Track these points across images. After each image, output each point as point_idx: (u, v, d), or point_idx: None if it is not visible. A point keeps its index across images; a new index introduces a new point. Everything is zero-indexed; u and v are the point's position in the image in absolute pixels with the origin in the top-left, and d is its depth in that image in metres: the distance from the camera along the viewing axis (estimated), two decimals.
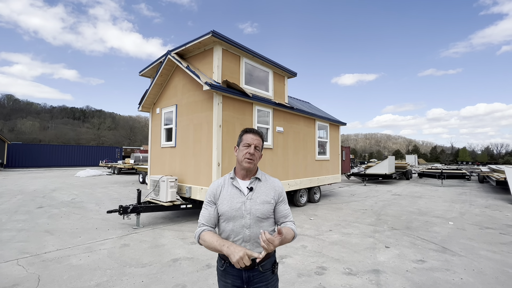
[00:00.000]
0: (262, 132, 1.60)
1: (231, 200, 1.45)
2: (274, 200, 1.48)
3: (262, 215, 1.43)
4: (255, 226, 1.42)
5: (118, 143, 63.50)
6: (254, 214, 1.42)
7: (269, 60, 7.02)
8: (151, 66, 7.32)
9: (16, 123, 67.47)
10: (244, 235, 1.42)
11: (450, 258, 3.90)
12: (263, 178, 1.53)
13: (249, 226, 1.42)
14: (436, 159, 77.04)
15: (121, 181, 14.67)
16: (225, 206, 1.45)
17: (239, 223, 1.42)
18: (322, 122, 9.30)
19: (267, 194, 1.47)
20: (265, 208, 1.44)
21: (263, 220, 1.44)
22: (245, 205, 1.43)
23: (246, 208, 1.43)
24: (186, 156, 6.17)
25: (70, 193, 9.90)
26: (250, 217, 1.42)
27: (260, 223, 1.43)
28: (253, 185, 1.48)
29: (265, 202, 1.45)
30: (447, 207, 7.85)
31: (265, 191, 1.48)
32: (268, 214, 1.45)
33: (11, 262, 3.60)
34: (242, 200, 1.45)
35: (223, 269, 1.47)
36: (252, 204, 1.43)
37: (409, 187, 13.29)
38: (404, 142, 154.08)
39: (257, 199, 1.45)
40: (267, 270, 1.45)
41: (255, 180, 1.50)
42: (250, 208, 1.42)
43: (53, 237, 4.71)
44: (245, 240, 1.42)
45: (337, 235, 4.99)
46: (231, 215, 1.43)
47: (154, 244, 4.42)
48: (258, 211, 1.43)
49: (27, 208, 7.03)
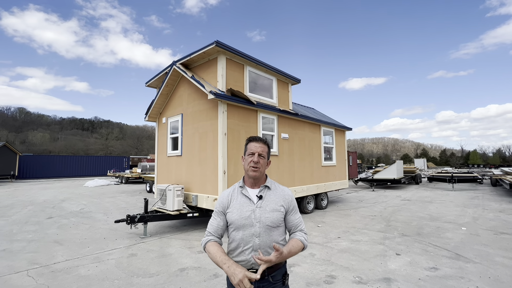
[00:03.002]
0: (266, 139, 1.59)
1: (241, 209, 1.44)
2: (284, 208, 1.47)
3: (272, 224, 1.41)
4: (265, 234, 1.40)
5: (126, 152, 64.38)
6: (264, 222, 1.40)
7: (273, 67, 7.09)
8: (157, 77, 7.47)
9: (28, 135, 69.29)
10: (254, 244, 1.40)
11: (464, 265, 3.78)
12: (273, 186, 1.52)
13: (259, 234, 1.40)
14: (446, 162, 75.47)
15: (128, 190, 14.79)
16: (235, 215, 1.44)
17: (249, 232, 1.41)
18: (327, 128, 9.26)
19: (277, 202, 1.46)
20: (275, 216, 1.43)
21: (273, 228, 1.42)
22: (254, 213, 1.42)
23: (255, 216, 1.41)
24: (192, 165, 6.20)
25: (79, 203, 10.02)
26: (260, 225, 1.40)
27: (270, 232, 1.41)
28: (262, 193, 1.47)
29: (274, 210, 1.44)
30: (459, 212, 7.64)
31: (274, 199, 1.47)
32: (278, 223, 1.43)
33: (21, 273, 3.64)
34: (251, 208, 1.43)
35: None
36: (261, 213, 1.42)
37: (419, 191, 13.01)
38: (412, 146, 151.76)
39: (266, 207, 1.43)
40: (278, 281, 1.43)
41: (264, 188, 1.49)
42: (260, 217, 1.41)
43: (62, 247, 4.75)
44: (255, 249, 1.40)
45: (346, 243, 4.90)
46: (241, 224, 1.42)
47: (161, 253, 4.42)
48: (268, 219, 1.41)
49: (37, 219, 7.14)
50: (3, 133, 65.62)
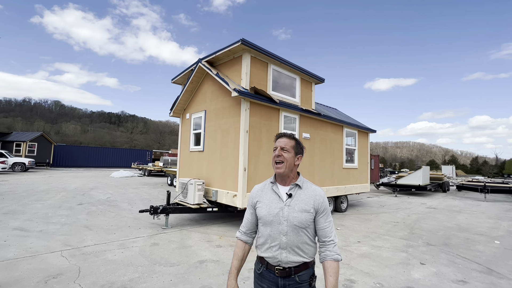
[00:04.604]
0: (293, 134, 1.54)
1: (270, 205, 1.43)
2: (314, 209, 1.40)
3: (299, 224, 1.37)
4: (292, 234, 1.38)
5: (149, 146, 66.95)
6: (291, 221, 1.37)
7: (297, 66, 7.02)
8: (183, 74, 7.68)
9: (61, 126, 74.31)
10: (281, 242, 1.38)
11: (497, 281, 3.53)
12: (304, 185, 1.46)
13: (286, 233, 1.38)
14: (477, 171, 70.46)
15: (151, 182, 15.40)
16: (264, 210, 1.44)
17: (276, 229, 1.39)
18: (350, 129, 9.02)
19: (307, 202, 1.40)
20: (303, 217, 1.38)
21: (301, 229, 1.38)
22: (282, 211, 1.40)
23: (283, 214, 1.39)
24: (213, 160, 6.33)
25: (106, 192, 10.61)
26: (287, 224, 1.38)
27: (298, 232, 1.38)
28: (292, 191, 1.43)
29: (303, 211, 1.39)
30: (492, 224, 7.13)
31: (304, 199, 1.41)
32: (306, 224, 1.38)
33: (56, 253, 3.94)
34: (280, 206, 1.41)
35: (259, 272, 1.47)
36: (290, 211, 1.39)
37: (446, 200, 12.29)
38: (440, 151, 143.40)
39: (295, 206, 1.39)
40: (304, 282, 1.40)
41: (295, 186, 1.44)
42: (288, 215, 1.38)
43: (91, 232, 5.07)
44: (282, 247, 1.38)
45: (366, 248, 4.76)
46: (269, 220, 1.42)
47: (182, 245, 4.57)
48: (295, 219, 1.37)
49: (69, 204, 7.66)
50: (40, 124, 70.89)
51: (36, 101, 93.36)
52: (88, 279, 3.16)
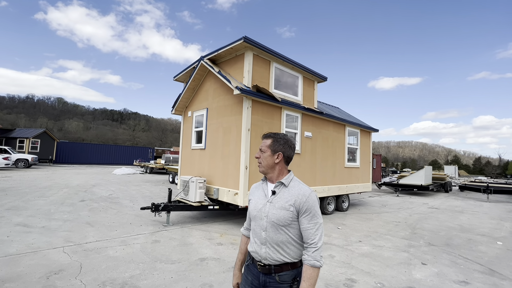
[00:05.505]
0: (272, 133, 1.54)
1: (257, 201, 1.52)
2: (295, 208, 1.37)
3: (277, 221, 1.38)
4: (271, 230, 1.39)
5: (151, 144, 67.19)
6: (270, 218, 1.40)
7: (299, 64, 6.98)
8: (185, 71, 7.67)
9: (64, 123, 74.70)
10: (261, 237, 1.43)
11: (499, 282, 3.50)
12: (291, 184, 1.45)
13: (265, 228, 1.41)
14: (480, 171, 70.01)
15: (152, 180, 15.46)
16: (252, 206, 1.54)
17: (258, 224, 1.45)
18: (352, 128, 8.98)
19: (288, 200, 1.39)
20: (282, 214, 1.37)
21: (280, 226, 1.38)
22: (265, 207, 1.45)
23: (265, 210, 1.44)
24: (215, 158, 6.33)
25: (108, 189, 10.66)
26: (267, 220, 1.41)
27: (277, 229, 1.38)
28: (276, 189, 1.46)
29: (282, 208, 1.38)
30: (495, 225, 7.08)
31: (286, 197, 1.41)
32: (285, 222, 1.37)
33: (58, 249, 3.96)
34: (263, 202, 1.47)
35: (247, 264, 1.56)
36: (270, 208, 1.42)
37: (449, 200, 12.23)
38: (442, 151, 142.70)
39: (276, 203, 1.41)
40: (285, 283, 1.38)
41: (280, 184, 1.46)
42: (268, 212, 1.42)
43: (93, 228, 5.09)
44: (262, 242, 1.43)
45: (367, 247, 4.74)
46: (253, 215, 1.50)
47: (183, 242, 4.58)
48: (274, 216, 1.39)
49: (71, 201, 7.70)
50: (43, 121, 71.30)
51: (39, 98, 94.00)
52: (90, 275, 3.18)
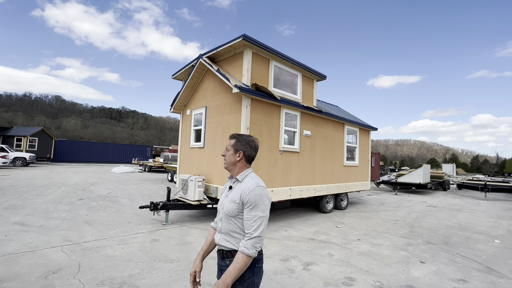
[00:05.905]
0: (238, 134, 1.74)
1: (221, 196, 1.73)
2: (240, 201, 1.53)
3: (227, 212, 1.56)
4: (225, 220, 1.58)
5: (149, 142, 67.02)
6: (224, 210, 1.59)
7: (298, 62, 6.96)
8: (183, 70, 7.63)
9: (62, 121, 74.34)
10: (218, 226, 1.64)
11: (497, 280, 3.52)
12: (245, 180, 1.61)
13: (221, 219, 1.61)
14: (478, 169, 70.37)
15: (151, 178, 15.43)
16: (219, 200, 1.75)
17: (218, 215, 1.67)
18: (351, 127, 8.98)
19: (236, 194, 1.57)
20: (231, 206, 1.56)
21: (230, 217, 1.56)
22: (223, 201, 1.65)
23: (222, 203, 1.65)
24: (213, 157, 6.31)
25: (106, 187, 10.62)
26: (222, 211, 1.61)
27: (228, 220, 1.56)
28: (233, 184, 1.65)
29: (232, 201, 1.57)
30: (492, 223, 7.12)
31: (236, 191, 1.59)
32: (233, 213, 1.54)
33: (56, 248, 3.94)
34: (224, 196, 1.68)
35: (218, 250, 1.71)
36: (225, 201, 1.61)
37: (447, 198, 12.28)
38: (441, 150, 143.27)
39: (229, 197, 1.60)
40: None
41: (236, 180, 1.65)
42: (223, 204, 1.61)
43: (92, 227, 5.08)
44: (218, 231, 1.63)
45: (366, 245, 4.76)
46: (218, 208, 1.71)
47: (182, 241, 4.57)
48: (226, 208, 1.58)
49: (69, 200, 7.67)
50: (41, 119, 70.90)
51: (36, 96, 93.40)
52: (88, 274, 3.17)
